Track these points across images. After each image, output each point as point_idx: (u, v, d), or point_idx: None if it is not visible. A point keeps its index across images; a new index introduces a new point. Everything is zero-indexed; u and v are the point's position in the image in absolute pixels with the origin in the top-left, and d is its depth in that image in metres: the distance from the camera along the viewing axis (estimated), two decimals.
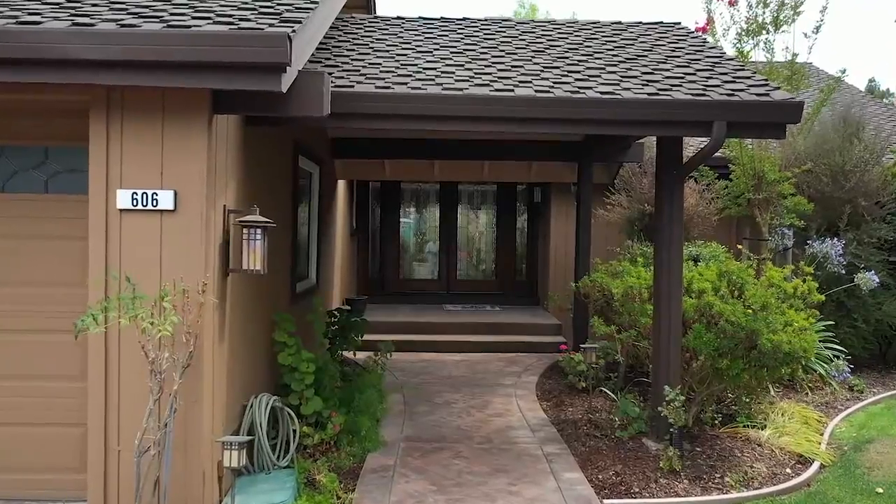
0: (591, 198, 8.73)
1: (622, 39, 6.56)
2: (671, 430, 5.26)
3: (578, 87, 5.00)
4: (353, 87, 4.80)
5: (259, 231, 4.30)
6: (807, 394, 7.68)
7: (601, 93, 4.91)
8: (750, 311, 5.55)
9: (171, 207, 3.91)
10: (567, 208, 11.24)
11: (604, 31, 6.87)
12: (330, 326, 7.15)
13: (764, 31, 8.62)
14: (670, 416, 5.14)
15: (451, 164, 9.61)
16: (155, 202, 3.90)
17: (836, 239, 8.67)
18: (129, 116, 3.91)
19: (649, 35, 6.76)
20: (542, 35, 6.62)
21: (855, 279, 8.24)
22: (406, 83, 4.95)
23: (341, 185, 10.31)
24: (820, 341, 7.48)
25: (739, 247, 8.65)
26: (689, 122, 4.95)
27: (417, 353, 9.65)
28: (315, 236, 7.86)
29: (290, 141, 6.36)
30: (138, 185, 3.91)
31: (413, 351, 9.70)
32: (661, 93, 4.96)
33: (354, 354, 8.38)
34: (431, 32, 6.54)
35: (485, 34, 6.58)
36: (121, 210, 3.92)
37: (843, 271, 8.50)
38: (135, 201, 3.89)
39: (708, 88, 5.09)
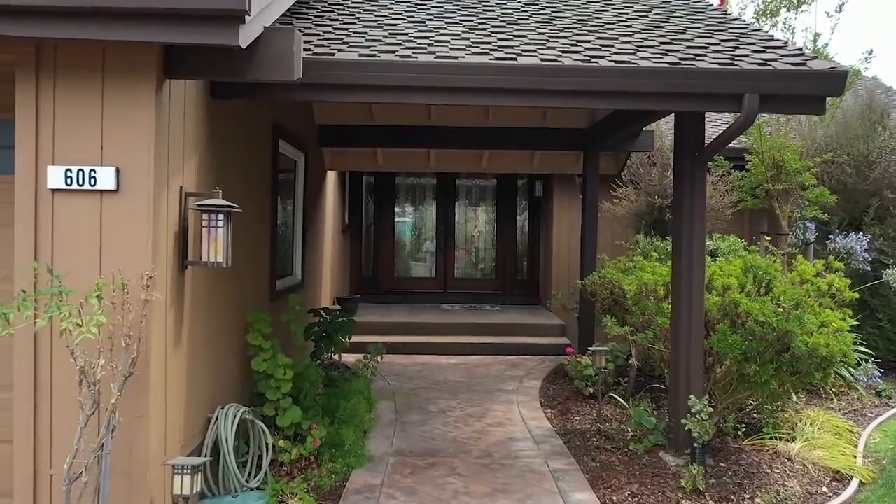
0: (597, 189, 8.13)
1: (635, 11, 5.96)
2: (695, 444, 4.66)
3: (589, 57, 4.40)
4: (333, 55, 4.19)
5: (221, 217, 3.70)
6: (831, 400, 7.08)
7: (615, 62, 4.30)
8: (780, 309, 4.95)
9: (112, 187, 3.30)
10: (570, 202, 10.64)
11: (614, 3, 6.27)
12: (314, 327, 6.55)
13: (783, 10, 8.04)
14: (695, 429, 4.54)
15: (448, 154, 9.02)
16: (93, 181, 3.29)
17: (860, 233, 8.08)
18: (63, 80, 3.30)
19: (664, 7, 6.16)
20: (547, 6, 6.01)
21: (883, 276, 7.64)
22: (394, 51, 4.35)
23: (331, 177, 9.71)
24: None
25: (767, 239, 8.01)
26: (716, 96, 4.35)
27: (412, 355, 9.05)
28: (300, 230, 7.26)
29: (269, 122, 5.76)
30: (73, 160, 3.31)
31: (407, 353, 9.11)
32: (682, 62, 4.36)
33: (339, 357, 7.79)
34: (425, 4, 5.94)
35: (483, 5, 5.98)
36: (52, 190, 3.32)
37: (869, 268, 7.91)
38: (69, 180, 3.29)
39: (736, 58, 4.49)
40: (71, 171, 3.29)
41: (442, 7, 5.92)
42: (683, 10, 6.10)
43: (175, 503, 3.50)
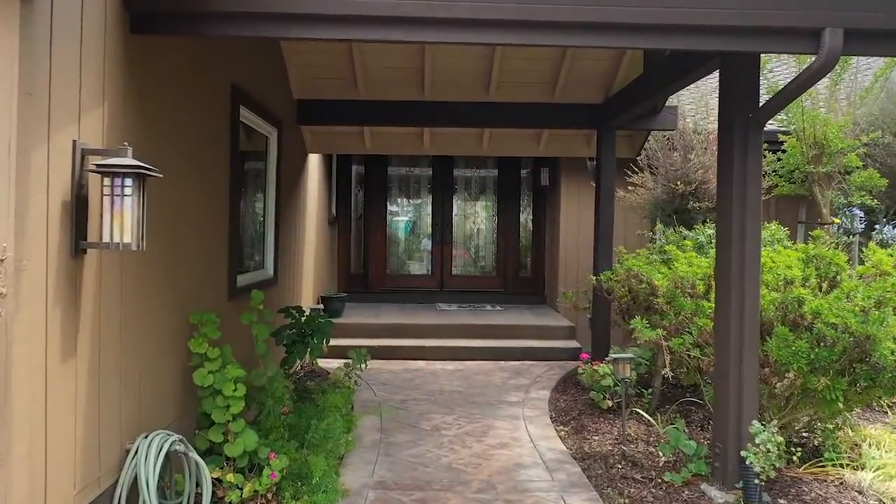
0: (613, 173, 7.15)
1: None
2: (755, 480, 3.68)
3: None
4: None
5: (130, 183, 2.72)
6: (885, 413, 6.10)
7: None
8: (855, 308, 3.97)
9: None
10: (580, 192, 9.66)
11: None
12: (286, 330, 5.56)
13: None
14: (758, 462, 3.56)
15: (444, 135, 8.03)
16: None
17: None
18: None
19: None
20: None
21: None
22: None
23: (315, 163, 8.72)
24: None
25: (827, 226, 6.99)
26: (784, 31, 3.37)
27: (404, 361, 8.07)
28: (273, 218, 6.27)
29: (226, 83, 4.78)
30: None
31: (399, 359, 8.13)
32: None
33: (313, 364, 6.80)
34: None
35: None
36: None
37: None
38: None
39: None
40: None
41: None
42: None
43: None
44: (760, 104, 4.05)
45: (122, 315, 3.20)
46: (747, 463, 3.66)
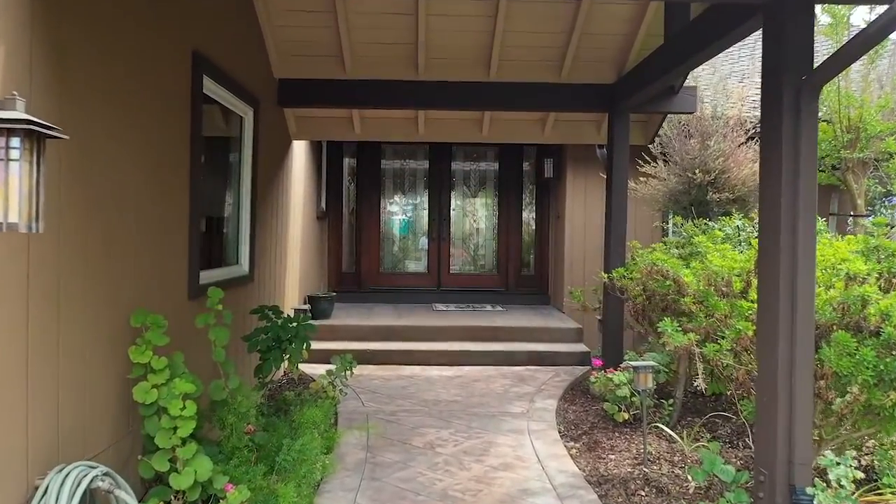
0: (626, 160, 6.49)
1: None
2: None
3: None
4: None
5: (18, 143, 2.06)
6: None
7: None
8: None
9: None
10: (587, 183, 9.01)
11: None
12: (259, 335, 4.90)
13: None
14: (827, 502, 2.89)
15: (440, 120, 7.37)
16: None
17: None
18: None
19: None
20: None
21: None
22: None
23: (302, 153, 8.06)
24: None
25: (861, 217, 6.33)
26: None
27: (397, 366, 7.42)
28: (249, 208, 5.61)
29: (186, 48, 4.12)
30: None
31: (391, 363, 7.48)
32: None
33: (294, 371, 6.15)
34: None
35: None
36: None
37: None
38: None
39: None
40: None
41: None
42: None
43: None
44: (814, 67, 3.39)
45: (30, 314, 2.54)
46: (814, 503, 3.00)
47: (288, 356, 4.93)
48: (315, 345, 7.76)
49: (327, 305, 8.32)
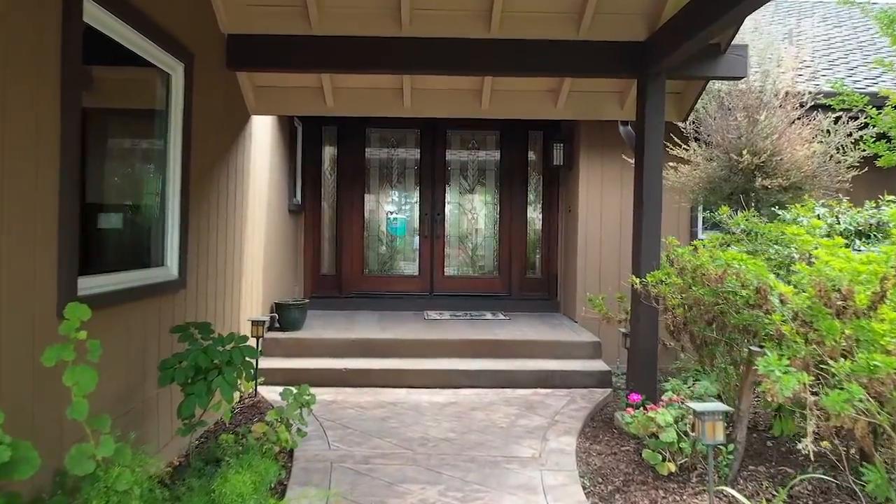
0: (661, 135, 5.20)
1: None
2: None
3: None
4: None
5: None
6: None
7: None
8: None
9: None
10: (604, 170, 7.73)
11: None
12: (177, 362, 3.60)
13: None
14: None
15: (430, 91, 6.05)
16: None
17: None
18: None
19: None
20: None
21: None
22: None
23: (268, 134, 6.78)
24: None
25: None
26: None
27: (378, 389, 6.14)
28: (178, 195, 4.32)
29: None
30: None
31: (372, 385, 6.21)
32: None
33: (241, 401, 4.89)
34: None
35: None
36: None
37: None
38: None
39: None
40: None
41: None
42: None
43: None
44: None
45: None
46: None
47: (220, 389, 3.62)
48: (281, 363, 6.51)
49: (298, 315, 7.02)
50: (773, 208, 5.89)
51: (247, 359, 3.73)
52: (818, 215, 4.24)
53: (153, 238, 4.18)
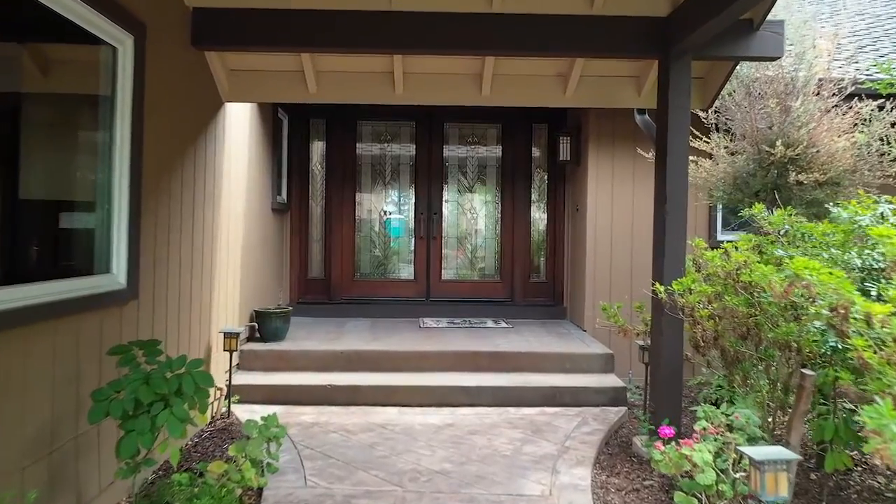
0: (687, 123, 4.56)
1: None
2: None
3: None
4: None
5: None
6: None
7: None
8: None
9: None
10: (615, 165, 7.11)
11: None
12: (112, 391, 2.95)
13: None
14: None
15: (425, 74, 5.41)
16: None
17: None
18: None
19: None
20: None
21: None
22: None
23: (246, 126, 6.15)
24: None
25: None
26: None
27: (367, 407, 5.51)
28: (127, 190, 3.69)
29: None
30: None
31: (360, 404, 5.58)
32: None
33: (212, 422, 4.26)
34: None
35: None
36: None
37: None
38: None
39: None
40: None
41: None
42: None
43: None
44: None
45: None
46: None
47: (168, 425, 2.98)
48: (260, 378, 5.87)
49: (280, 324, 6.39)
50: (807, 206, 5.28)
51: (201, 386, 3.09)
52: (881, 213, 3.61)
53: (96, 241, 3.55)
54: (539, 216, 8.38)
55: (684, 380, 5.04)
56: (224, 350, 5.21)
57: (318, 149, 8.33)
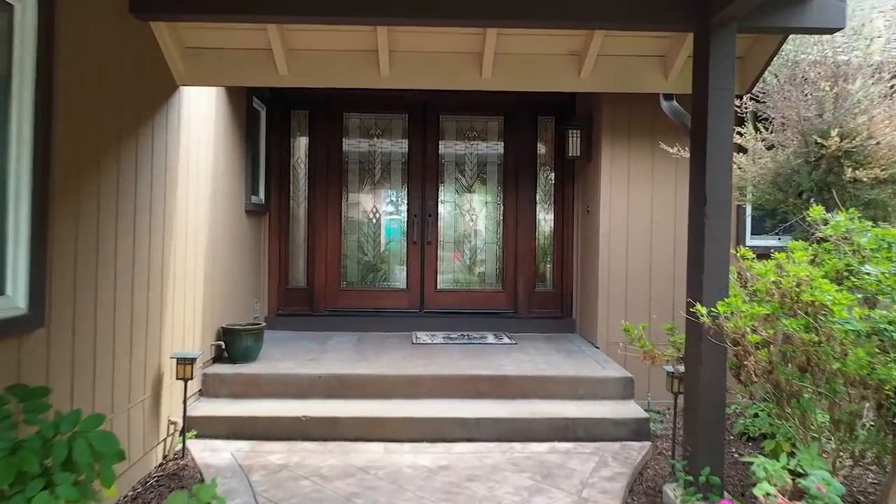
0: (730, 109, 3.76)
1: None
2: None
3: None
4: None
5: None
6: None
7: None
8: None
9: None
10: (632, 161, 6.32)
11: None
12: None
13: None
14: None
15: (414, 52, 4.59)
16: None
17: None
18: None
19: None
20: None
21: None
22: None
23: (210, 115, 5.37)
24: None
25: None
26: None
27: (348, 443, 4.72)
28: (26, 192, 2.89)
29: None
30: None
31: (339, 439, 4.79)
32: None
33: (162, 462, 3.44)
34: None
35: None
36: None
37: None
38: None
39: None
40: None
41: None
42: None
43: None
44: None
45: None
46: None
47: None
48: (224, 407, 5.04)
49: (251, 343, 5.59)
50: (864, 207, 4.49)
51: (101, 451, 2.29)
52: None
53: None
54: (545, 218, 7.58)
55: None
56: (178, 378, 4.41)
57: (300, 144, 7.52)
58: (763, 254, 4.04)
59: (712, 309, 3.47)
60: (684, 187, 6.32)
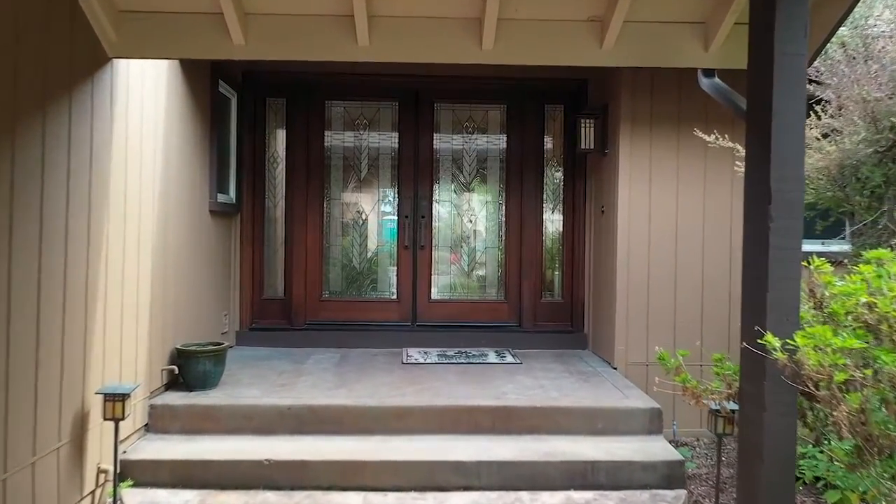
0: (803, 80, 2.93)
1: None
2: None
3: None
4: None
5: None
6: None
7: None
8: None
9: None
10: (654, 153, 5.50)
11: None
12: None
13: None
14: None
15: (399, 18, 3.75)
16: None
17: None
18: None
19: None
20: None
21: None
22: None
23: (163, 102, 4.53)
24: None
25: None
26: None
27: (319, 492, 3.89)
28: None
29: None
30: None
31: (309, 487, 3.95)
32: None
33: None
34: None
35: None
36: None
37: None
38: None
39: None
40: None
41: None
42: None
43: None
44: None
45: None
46: None
47: None
48: (173, 446, 4.21)
49: (210, 367, 4.74)
50: None
51: None
52: None
53: None
54: (553, 220, 6.74)
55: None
56: (105, 419, 3.57)
57: (276, 136, 6.67)
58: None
59: (788, 341, 2.63)
60: (715, 184, 5.54)
